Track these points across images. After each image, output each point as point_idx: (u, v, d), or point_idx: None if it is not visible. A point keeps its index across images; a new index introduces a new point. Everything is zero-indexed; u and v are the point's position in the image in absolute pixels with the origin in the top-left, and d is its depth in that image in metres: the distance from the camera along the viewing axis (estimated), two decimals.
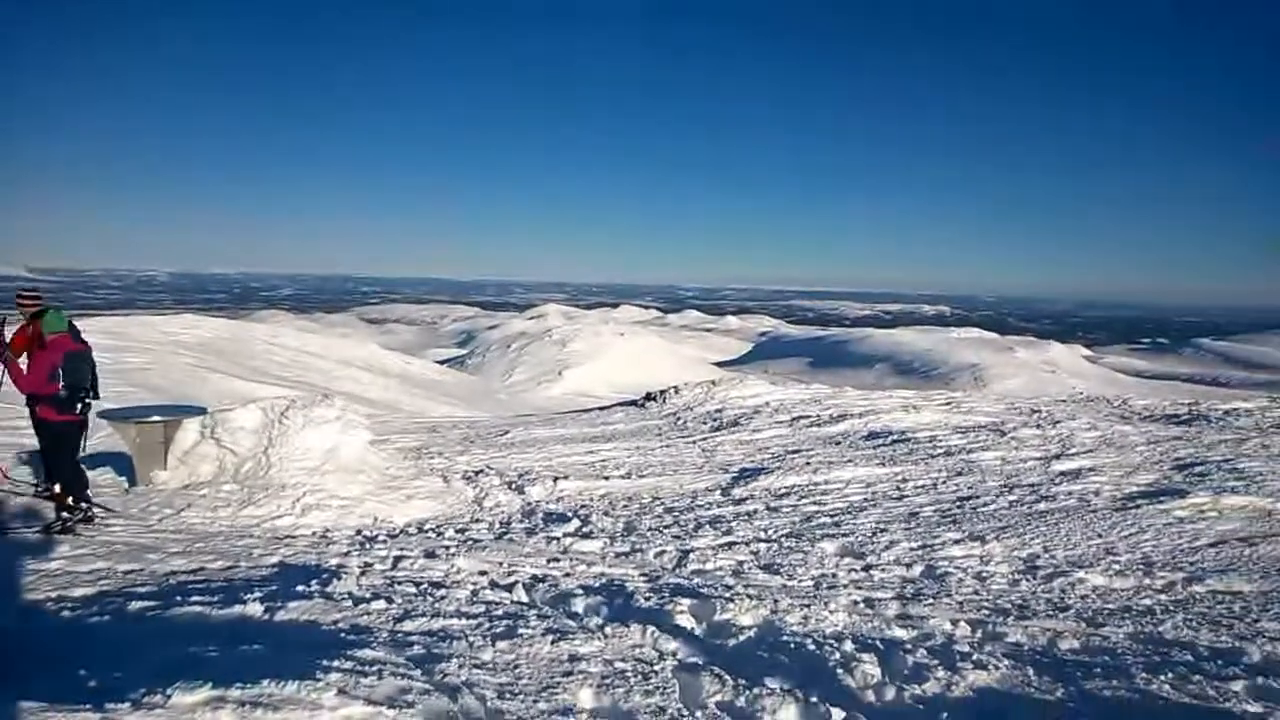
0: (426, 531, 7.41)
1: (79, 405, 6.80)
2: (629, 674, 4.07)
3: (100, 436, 8.69)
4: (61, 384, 6.69)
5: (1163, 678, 4.13)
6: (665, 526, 7.73)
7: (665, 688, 3.94)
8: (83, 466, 7.05)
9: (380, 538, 7.07)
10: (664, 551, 6.85)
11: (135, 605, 4.76)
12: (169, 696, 3.13)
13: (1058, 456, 10.85)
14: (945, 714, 3.78)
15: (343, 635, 4.34)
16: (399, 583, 5.55)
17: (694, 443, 12.40)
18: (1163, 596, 5.75)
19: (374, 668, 3.69)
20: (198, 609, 4.67)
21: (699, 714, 3.73)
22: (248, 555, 6.22)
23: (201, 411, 8.87)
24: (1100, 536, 7.28)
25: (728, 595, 5.33)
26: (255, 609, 4.67)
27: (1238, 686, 4.05)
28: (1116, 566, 6.43)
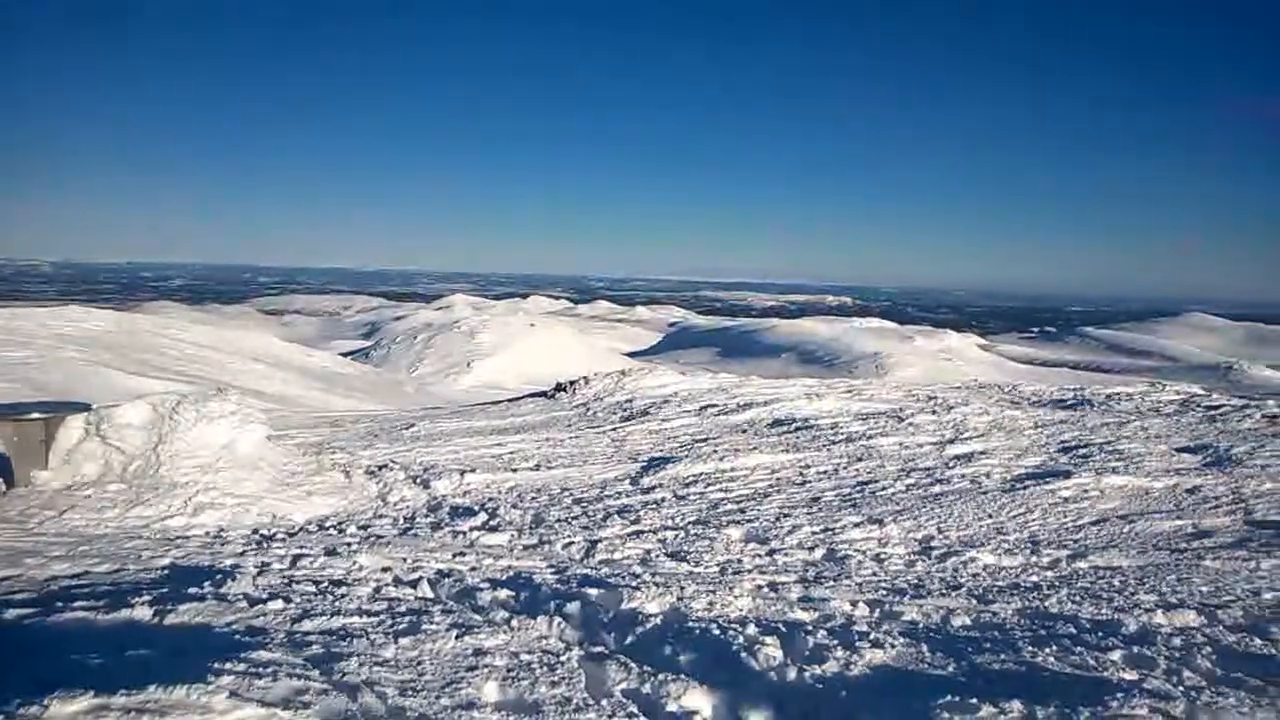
0: (327, 529, 7.22)
1: None
2: (535, 665, 4.05)
3: None
4: None
5: (1047, 650, 4.32)
6: (573, 517, 7.71)
7: (571, 678, 3.94)
8: None
9: (278, 536, 6.86)
10: (572, 543, 6.84)
11: (11, 613, 4.50)
12: (46, 707, 2.97)
13: (952, 441, 11.25)
14: (844, 692, 3.88)
15: (237, 637, 4.19)
16: (297, 582, 5.39)
17: (603, 433, 12.41)
18: (1048, 573, 6.03)
19: (269, 669, 3.58)
20: (81, 615, 4.45)
21: (605, 702, 3.74)
22: (136, 558, 5.96)
23: (86, 408, 8.44)
24: (991, 517, 7.59)
25: (635, 584, 5.35)
26: (144, 613, 4.48)
27: (1115, 656, 4.26)
28: (1006, 545, 6.71)
